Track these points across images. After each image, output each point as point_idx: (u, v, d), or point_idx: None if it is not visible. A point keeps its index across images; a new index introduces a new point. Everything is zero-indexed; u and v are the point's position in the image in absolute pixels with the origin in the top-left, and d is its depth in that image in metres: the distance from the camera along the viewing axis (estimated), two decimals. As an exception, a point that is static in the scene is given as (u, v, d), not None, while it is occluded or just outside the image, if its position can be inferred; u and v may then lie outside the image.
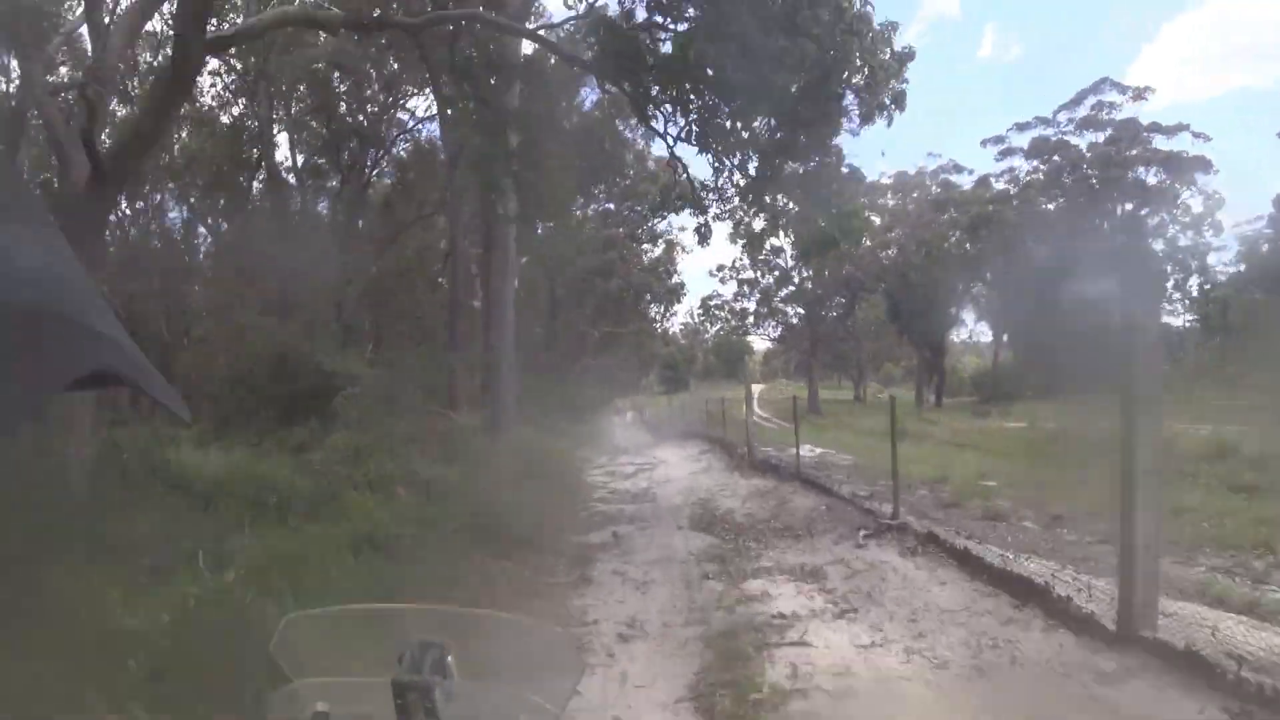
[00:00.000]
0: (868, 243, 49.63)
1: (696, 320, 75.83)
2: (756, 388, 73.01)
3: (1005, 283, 41.45)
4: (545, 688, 1.01)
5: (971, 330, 55.70)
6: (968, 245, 43.73)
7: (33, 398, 0.48)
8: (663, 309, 41.56)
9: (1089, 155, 36.81)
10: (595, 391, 42.79)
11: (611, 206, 38.90)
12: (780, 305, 57.47)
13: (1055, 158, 38.25)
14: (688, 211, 12.60)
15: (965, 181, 46.48)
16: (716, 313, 59.40)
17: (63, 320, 0.50)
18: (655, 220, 39.36)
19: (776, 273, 57.19)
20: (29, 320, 0.47)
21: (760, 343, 75.41)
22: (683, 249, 41.21)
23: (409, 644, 0.95)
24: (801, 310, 56.69)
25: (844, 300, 55.62)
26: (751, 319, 57.79)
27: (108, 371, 0.54)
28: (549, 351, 37.28)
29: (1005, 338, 47.14)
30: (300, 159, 25.93)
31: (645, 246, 40.01)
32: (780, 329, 58.88)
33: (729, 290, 58.43)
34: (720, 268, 57.87)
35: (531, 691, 0.98)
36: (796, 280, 56.28)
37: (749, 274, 57.63)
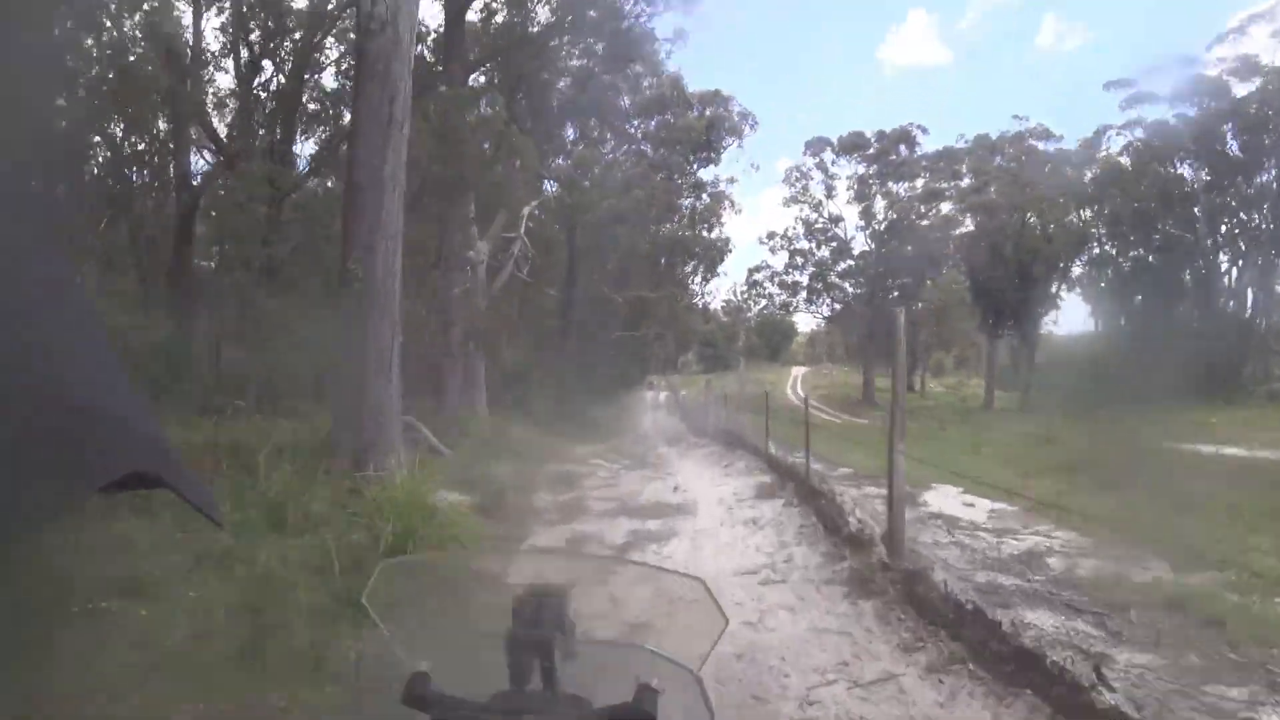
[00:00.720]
0: (948, 208, 40.53)
1: (740, 297, 67.61)
2: (799, 370, 64.63)
3: (1130, 259, 32.11)
4: (681, 644, 0.84)
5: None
6: (1082, 212, 34.35)
7: (74, 493, 0.45)
8: (703, 272, 32.71)
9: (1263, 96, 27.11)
10: (624, 368, 34.92)
11: (648, 149, 30.35)
12: (837, 280, 48.50)
13: (1211, 104, 28.64)
14: None
15: (1053, 148, 37.38)
16: (765, 285, 50.46)
17: (107, 420, 0.48)
18: (697, 163, 30.70)
19: (834, 243, 48.27)
20: (76, 418, 0.45)
21: (805, 324, 66.98)
22: (731, 204, 32.43)
23: (523, 593, 0.78)
24: (859, 289, 47.76)
25: (908, 280, 46.58)
26: (804, 293, 48.75)
27: (146, 473, 0.50)
28: (565, 320, 29.28)
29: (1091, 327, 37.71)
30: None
31: (685, 202, 31.33)
32: (836, 307, 49.83)
33: (779, 261, 49.53)
34: (771, 235, 48.98)
35: (667, 647, 0.80)
36: (856, 253, 47.40)
37: (803, 244, 48.79)
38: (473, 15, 16.46)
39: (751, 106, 54.87)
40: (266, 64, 17.13)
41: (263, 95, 17.51)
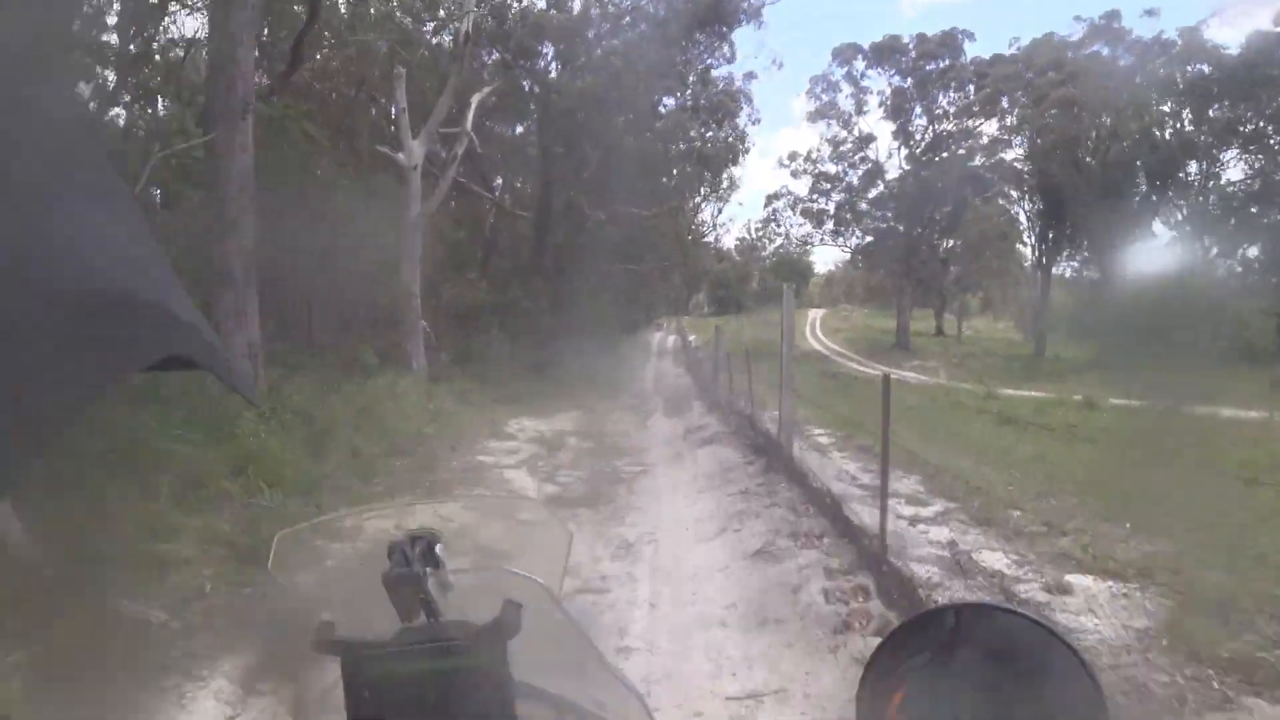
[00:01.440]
0: (1005, 119, 31.94)
1: (754, 235, 59.94)
2: (816, 313, 56.95)
3: (1257, 173, 23.79)
4: (537, 563, 0.93)
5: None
6: (1183, 117, 25.97)
7: (107, 382, 0.44)
8: (711, 182, 24.45)
9: None
10: (621, 309, 27.78)
11: (644, 27, 22.17)
12: (867, 208, 40.36)
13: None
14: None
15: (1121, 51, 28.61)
16: (785, 214, 42.43)
17: (143, 305, 0.47)
18: (705, 46, 22.42)
19: (868, 165, 40.03)
20: (110, 305, 0.44)
21: (822, 264, 59.57)
22: (747, 101, 24.21)
23: (396, 538, 0.83)
24: (889, 221, 39.71)
25: (949, 208, 38.53)
26: (831, 222, 40.78)
27: (182, 356, 0.50)
28: (541, 248, 21.96)
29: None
30: None
31: (689, 94, 23.14)
32: (866, 240, 41.75)
33: (802, 186, 41.44)
34: (793, 156, 40.78)
35: (524, 568, 0.86)
36: (890, 178, 39.34)
37: (829, 167, 40.56)
38: None
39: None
40: None
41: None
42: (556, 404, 16.69)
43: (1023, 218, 38.69)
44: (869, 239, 41.32)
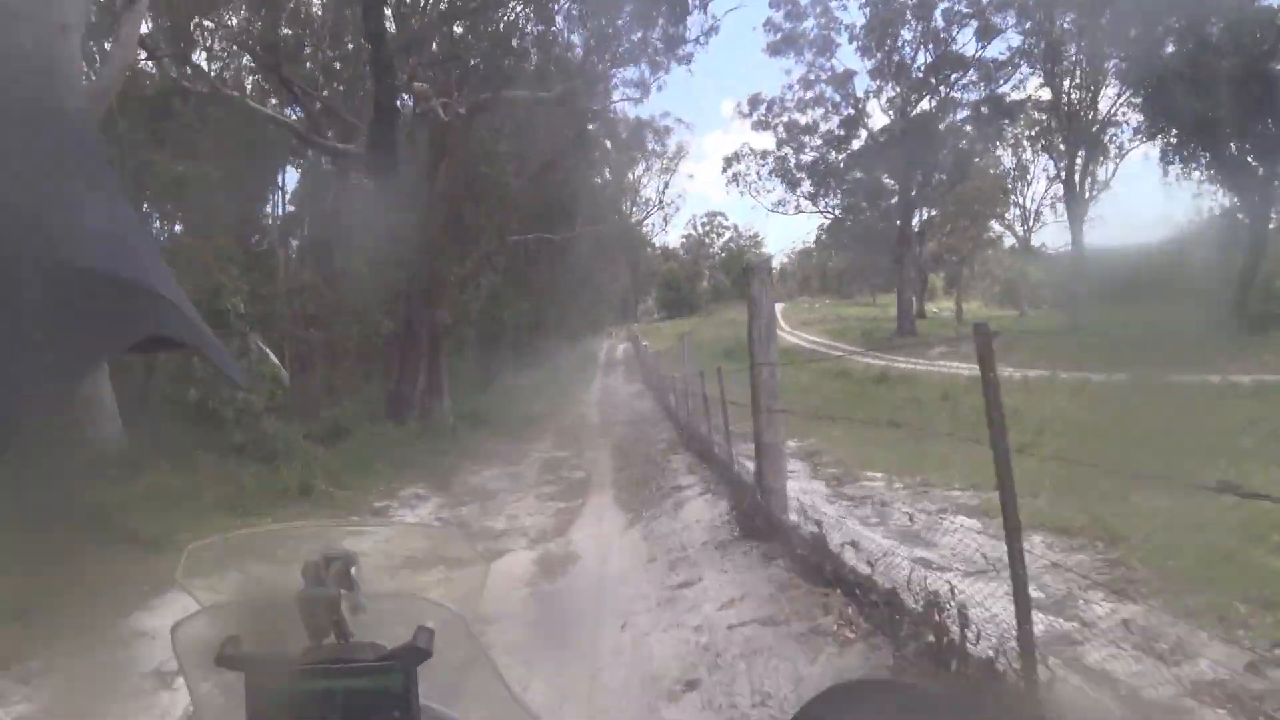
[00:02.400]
0: None
1: (700, 231, 51.95)
2: (775, 306, 48.29)
3: None
4: (451, 590, 0.90)
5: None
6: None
7: (89, 361, 0.45)
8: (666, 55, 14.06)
9: None
10: (547, 313, 19.02)
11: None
12: (848, 163, 31.26)
13: None
14: None
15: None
16: (749, 176, 32.95)
17: (124, 284, 0.47)
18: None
19: (849, 112, 30.95)
20: (92, 283, 0.44)
21: (776, 249, 52.01)
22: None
23: (313, 559, 0.81)
24: (884, 175, 30.53)
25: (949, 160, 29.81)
26: (807, 183, 31.50)
27: (165, 335, 0.50)
28: (381, 193, 12.25)
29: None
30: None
31: None
32: (837, 214, 32.56)
33: (768, 142, 32.58)
34: (755, 102, 31.43)
35: (439, 594, 0.86)
36: (873, 123, 30.36)
37: (798, 116, 31.35)
38: None
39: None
40: None
41: None
42: (396, 484, 8.51)
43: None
44: (852, 202, 32.24)
